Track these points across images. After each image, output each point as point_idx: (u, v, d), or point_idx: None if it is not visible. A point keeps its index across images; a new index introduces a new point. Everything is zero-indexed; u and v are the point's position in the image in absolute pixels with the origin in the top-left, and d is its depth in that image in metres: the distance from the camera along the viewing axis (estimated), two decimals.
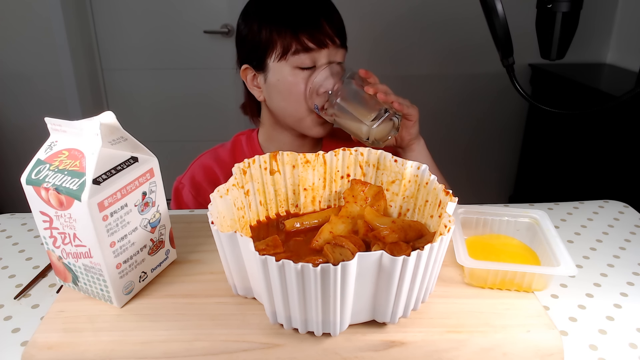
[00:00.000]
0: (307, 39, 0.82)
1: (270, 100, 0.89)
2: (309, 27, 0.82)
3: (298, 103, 0.85)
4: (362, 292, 0.42)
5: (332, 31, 0.84)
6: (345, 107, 0.79)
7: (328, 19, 0.84)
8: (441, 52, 2.16)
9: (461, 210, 0.59)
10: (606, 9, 2.08)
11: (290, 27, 0.82)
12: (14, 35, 2.04)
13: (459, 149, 2.27)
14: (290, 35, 0.82)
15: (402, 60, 2.16)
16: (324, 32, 0.83)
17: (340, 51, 0.86)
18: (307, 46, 0.82)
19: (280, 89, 0.85)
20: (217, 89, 2.24)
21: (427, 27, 2.12)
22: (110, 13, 2.13)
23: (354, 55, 2.21)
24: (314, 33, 0.82)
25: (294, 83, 0.84)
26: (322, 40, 0.83)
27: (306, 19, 0.84)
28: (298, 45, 0.82)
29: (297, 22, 0.83)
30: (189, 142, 2.32)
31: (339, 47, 0.85)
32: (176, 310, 0.48)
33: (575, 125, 1.84)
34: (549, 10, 0.65)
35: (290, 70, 0.83)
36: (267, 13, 0.86)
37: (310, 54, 0.83)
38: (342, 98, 0.79)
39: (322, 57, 0.83)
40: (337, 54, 0.85)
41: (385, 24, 2.11)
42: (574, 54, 1.49)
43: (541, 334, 0.45)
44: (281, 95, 0.86)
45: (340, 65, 0.84)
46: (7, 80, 2.12)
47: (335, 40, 0.84)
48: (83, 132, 0.45)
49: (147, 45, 2.18)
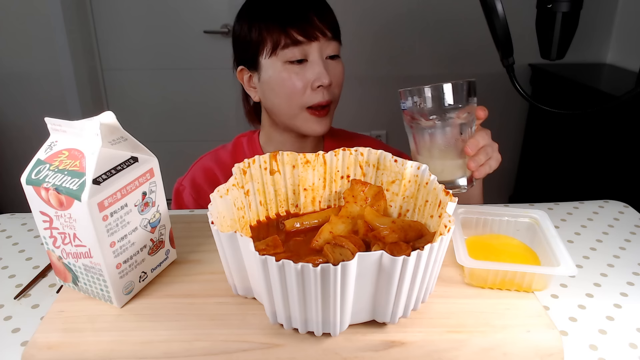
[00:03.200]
0: (296, 32, 0.82)
1: (264, 98, 0.89)
2: (298, 21, 0.82)
3: (291, 99, 0.84)
4: (362, 292, 0.42)
5: (323, 24, 0.83)
6: (428, 139, 0.65)
7: (317, 12, 0.84)
8: (441, 52, 2.16)
9: (461, 210, 0.59)
10: (606, 9, 2.08)
11: (278, 22, 0.82)
12: (14, 35, 2.04)
13: None
14: (279, 30, 0.82)
15: (402, 61, 2.16)
16: (313, 25, 0.82)
17: (332, 44, 0.85)
18: (296, 39, 0.81)
19: (272, 86, 0.85)
20: (217, 89, 2.24)
21: (427, 27, 2.12)
22: (110, 13, 2.13)
23: (355, 55, 2.22)
24: (303, 26, 0.82)
25: (286, 78, 0.83)
26: (312, 33, 0.82)
27: (294, 13, 0.83)
28: (287, 39, 0.82)
29: (286, 17, 0.83)
30: (189, 142, 2.32)
31: (331, 40, 0.85)
32: (176, 310, 0.48)
33: (575, 125, 1.84)
34: (549, 10, 0.65)
35: (282, 65, 0.83)
36: (257, 12, 0.86)
37: (300, 47, 0.82)
38: (433, 130, 0.64)
39: (313, 50, 0.83)
40: (328, 47, 0.85)
41: (384, 24, 2.11)
42: (574, 54, 1.49)
43: (541, 334, 0.45)
44: (274, 92, 0.86)
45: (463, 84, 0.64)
46: (7, 80, 2.12)
47: (326, 33, 0.84)
48: (83, 132, 0.45)
49: (147, 45, 2.18)
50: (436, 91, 0.62)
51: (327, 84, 0.83)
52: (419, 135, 0.65)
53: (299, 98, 0.84)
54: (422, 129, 0.64)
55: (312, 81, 0.83)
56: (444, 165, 0.65)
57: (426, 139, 0.65)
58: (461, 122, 0.63)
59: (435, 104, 0.62)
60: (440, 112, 0.62)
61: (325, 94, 0.84)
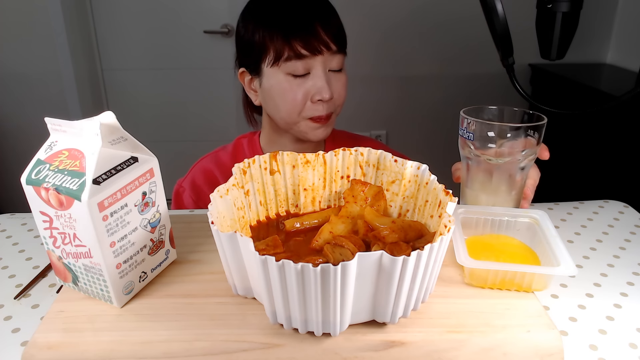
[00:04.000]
0: (300, 45, 0.79)
1: (265, 104, 0.88)
2: (302, 33, 0.79)
3: (291, 109, 0.83)
4: (362, 292, 0.42)
5: (328, 36, 0.80)
6: (485, 173, 0.62)
7: (324, 23, 0.80)
8: (442, 52, 2.16)
9: (461, 210, 0.59)
10: (606, 9, 2.08)
11: (282, 31, 0.79)
12: (14, 35, 2.04)
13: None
14: (282, 40, 0.79)
15: (404, 61, 2.17)
16: (318, 37, 0.79)
17: (336, 57, 0.82)
18: (299, 53, 0.79)
19: (273, 95, 0.84)
20: (217, 89, 2.24)
21: (428, 28, 2.12)
22: (110, 13, 2.13)
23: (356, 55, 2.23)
24: (307, 39, 0.79)
25: (287, 89, 0.81)
26: (316, 46, 0.79)
27: (299, 23, 0.80)
28: (290, 52, 0.79)
29: (290, 26, 0.79)
30: (189, 142, 2.32)
31: (336, 53, 0.82)
32: (176, 310, 0.48)
33: (575, 125, 1.84)
34: (549, 10, 0.65)
35: (284, 76, 0.81)
36: (262, 15, 0.83)
37: (303, 61, 0.79)
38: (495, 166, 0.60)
39: (317, 63, 0.80)
40: (332, 60, 0.82)
41: (387, 26, 2.11)
42: (574, 54, 1.49)
43: (541, 334, 0.45)
44: (274, 101, 0.84)
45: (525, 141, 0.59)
46: (7, 80, 2.12)
47: (330, 47, 0.80)
48: (83, 132, 0.45)
49: (147, 45, 2.18)
50: (505, 127, 0.58)
51: (328, 99, 0.81)
52: (475, 167, 0.62)
53: (299, 109, 0.83)
54: (480, 162, 0.61)
55: (312, 94, 0.81)
56: (496, 201, 0.63)
57: (483, 173, 0.61)
58: (525, 162, 0.60)
59: (502, 139, 0.58)
60: (505, 151, 0.59)
61: (326, 107, 0.83)
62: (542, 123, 0.58)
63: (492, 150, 0.59)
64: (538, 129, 0.58)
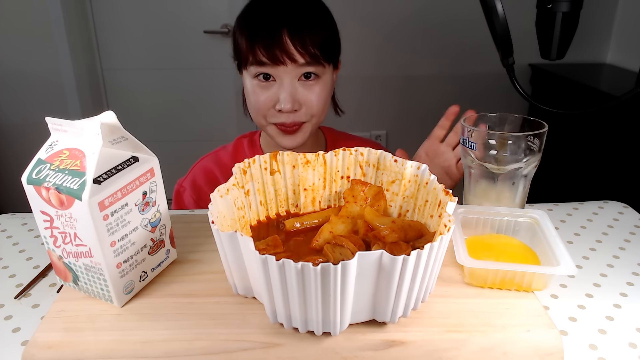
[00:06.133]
0: (262, 53, 0.75)
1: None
2: (266, 40, 0.75)
3: (256, 113, 0.82)
4: (362, 291, 0.42)
5: (298, 46, 0.74)
6: (488, 183, 0.61)
7: (293, 30, 0.74)
8: (442, 52, 2.16)
9: (461, 210, 0.59)
10: (606, 9, 2.08)
11: (247, 36, 0.77)
12: (14, 35, 2.04)
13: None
14: (247, 45, 0.77)
15: (405, 61, 2.17)
16: (282, 47, 0.74)
17: (311, 68, 0.77)
18: (260, 60, 0.76)
19: (246, 96, 0.84)
20: (217, 89, 2.24)
21: (429, 29, 2.13)
22: (110, 13, 2.13)
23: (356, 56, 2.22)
24: (270, 47, 0.74)
25: (252, 92, 0.81)
26: (279, 56, 0.74)
27: (265, 31, 0.75)
28: (253, 58, 0.77)
29: (255, 32, 0.76)
30: (189, 142, 2.32)
31: (310, 65, 0.76)
32: (176, 309, 0.48)
33: (575, 125, 1.85)
34: (549, 10, 0.65)
35: (251, 79, 0.80)
36: (242, 17, 0.82)
37: (264, 68, 0.76)
38: (497, 176, 0.60)
39: (280, 72, 0.76)
40: (302, 69, 0.76)
41: (386, 25, 2.11)
42: (574, 54, 1.49)
43: (541, 333, 0.45)
44: (248, 102, 0.85)
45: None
46: (7, 79, 2.12)
47: (296, 58, 0.75)
48: (84, 131, 0.45)
49: (147, 45, 2.18)
50: (506, 136, 0.58)
51: (289, 110, 0.78)
52: (477, 175, 0.62)
53: (263, 113, 0.82)
54: (482, 170, 0.61)
55: (275, 102, 0.80)
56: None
57: (485, 181, 0.61)
58: (528, 170, 0.61)
59: (503, 149, 0.58)
60: (507, 159, 0.59)
61: (291, 117, 0.80)
62: (543, 131, 0.58)
63: (494, 159, 0.59)
64: (539, 137, 0.59)
